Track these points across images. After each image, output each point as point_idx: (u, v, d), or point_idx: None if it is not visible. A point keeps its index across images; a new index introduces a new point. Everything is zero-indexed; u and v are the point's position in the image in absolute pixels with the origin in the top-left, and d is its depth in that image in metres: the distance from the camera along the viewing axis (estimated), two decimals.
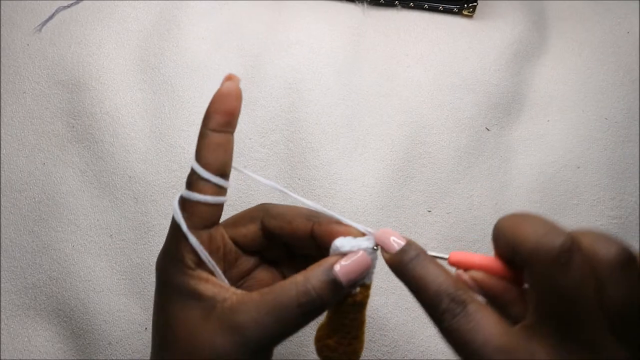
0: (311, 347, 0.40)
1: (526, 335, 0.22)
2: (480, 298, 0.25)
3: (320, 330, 0.30)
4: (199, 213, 0.28)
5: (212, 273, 0.28)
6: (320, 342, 0.29)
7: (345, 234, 0.28)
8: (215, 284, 0.28)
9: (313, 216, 0.30)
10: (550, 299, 0.22)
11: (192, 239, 0.28)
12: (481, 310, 0.23)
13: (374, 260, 0.28)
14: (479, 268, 0.26)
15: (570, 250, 0.21)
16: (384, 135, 0.47)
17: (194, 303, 0.27)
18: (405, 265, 0.25)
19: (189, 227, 0.28)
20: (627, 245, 0.22)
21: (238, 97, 0.28)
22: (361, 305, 0.28)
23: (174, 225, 0.29)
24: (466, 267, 0.26)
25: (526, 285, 0.25)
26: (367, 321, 0.41)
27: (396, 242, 0.26)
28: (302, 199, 0.29)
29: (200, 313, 0.27)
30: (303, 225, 0.29)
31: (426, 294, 0.24)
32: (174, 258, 0.28)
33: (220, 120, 0.28)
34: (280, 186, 0.30)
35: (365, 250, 0.27)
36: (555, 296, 0.21)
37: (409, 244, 0.26)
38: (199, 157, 0.28)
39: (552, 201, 0.45)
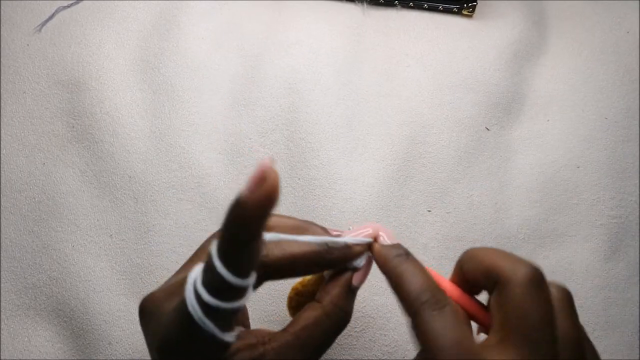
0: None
1: (490, 352, 0.24)
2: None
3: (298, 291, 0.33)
4: (225, 318, 0.25)
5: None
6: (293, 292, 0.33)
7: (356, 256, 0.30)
8: (243, 347, 0.25)
9: (320, 248, 0.29)
10: (519, 320, 0.23)
11: (229, 337, 0.25)
12: (457, 316, 0.25)
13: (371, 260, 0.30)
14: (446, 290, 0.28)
15: (542, 278, 0.24)
16: (384, 135, 0.47)
17: None
18: (391, 260, 0.27)
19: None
20: (534, 264, 0.25)
21: (275, 192, 0.22)
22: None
23: (187, 316, 0.24)
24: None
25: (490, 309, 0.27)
26: (367, 321, 0.41)
27: (384, 238, 0.29)
28: (305, 238, 0.29)
29: None
30: (309, 255, 0.28)
31: (407, 286, 0.26)
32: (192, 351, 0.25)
33: (259, 225, 0.23)
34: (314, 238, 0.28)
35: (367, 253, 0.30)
36: (525, 317, 0.23)
37: (398, 245, 0.29)
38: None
39: (552, 201, 0.45)
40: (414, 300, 0.25)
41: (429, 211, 0.45)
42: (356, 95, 0.48)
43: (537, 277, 0.24)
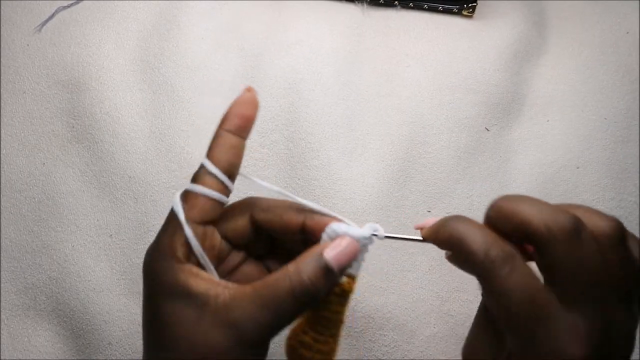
0: None
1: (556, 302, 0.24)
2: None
3: (295, 327, 0.29)
4: (199, 206, 0.28)
5: (202, 268, 0.28)
6: (294, 338, 0.29)
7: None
8: (206, 279, 0.27)
9: (304, 209, 0.30)
10: (572, 273, 0.23)
11: (187, 230, 0.27)
12: (525, 265, 0.24)
13: (363, 252, 0.28)
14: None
15: (580, 228, 0.23)
16: (384, 135, 0.47)
17: (186, 300, 0.27)
18: (446, 224, 0.26)
19: (187, 218, 0.28)
20: (618, 219, 0.25)
21: (256, 106, 0.30)
22: (346, 296, 0.28)
23: (170, 218, 0.28)
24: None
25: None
26: (367, 321, 0.41)
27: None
28: (308, 202, 0.30)
29: (194, 311, 0.26)
30: (294, 218, 0.30)
31: (472, 244, 0.24)
32: (164, 252, 0.28)
33: (238, 123, 0.29)
34: (291, 194, 0.30)
35: (353, 236, 0.28)
36: (577, 269, 0.23)
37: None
38: (210, 154, 0.29)
39: (552, 201, 0.45)
40: (482, 260, 0.24)
41: (429, 211, 0.45)
42: (356, 95, 0.48)
43: (575, 228, 0.23)
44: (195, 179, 0.29)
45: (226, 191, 0.29)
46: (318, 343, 0.28)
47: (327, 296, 0.28)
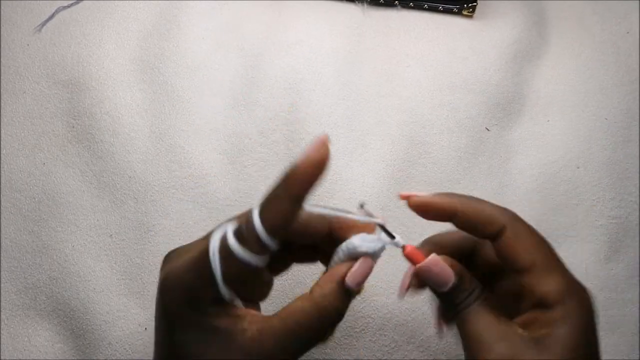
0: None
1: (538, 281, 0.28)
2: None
3: None
4: (237, 270, 0.26)
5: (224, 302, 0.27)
6: None
7: (362, 228, 0.29)
8: (229, 314, 0.26)
9: (324, 215, 0.30)
10: (533, 247, 0.29)
11: (224, 291, 0.26)
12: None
13: (376, 257, 0.29)
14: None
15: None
16: (384, 135, 0.47)
17: (211, 336, 0.26)
18: (449, 197, 0.31)
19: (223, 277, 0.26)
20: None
21: (326, 164, 0.26)
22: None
23: (200, 259, 0.26)
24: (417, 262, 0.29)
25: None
26: (367, 321, 0.41)
27: (448, 279, 0.29)
28: (332, 211, 0.29)
29: (220, 347, 0.26)
30: (320, 227, 0.30)
31: (484, 210, 0.31)
32: (194, 295, 0.26)
33: (307, 188, 0.26)
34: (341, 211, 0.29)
35: (372, 253, 0.28)
36: (536, 244, 0.30)
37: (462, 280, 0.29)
38: (267, 215, 0.26)
39: (552, 201, 0.45)
40: (499, 219, 0.29)
41: None
42: (356, 95, 0.48)
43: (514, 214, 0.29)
44: (242, 239, 0.26)
45: (263, 252, 0.26)
46: None
47: None
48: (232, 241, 0.26)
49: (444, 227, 0.45)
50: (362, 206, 0.29)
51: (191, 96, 0.48)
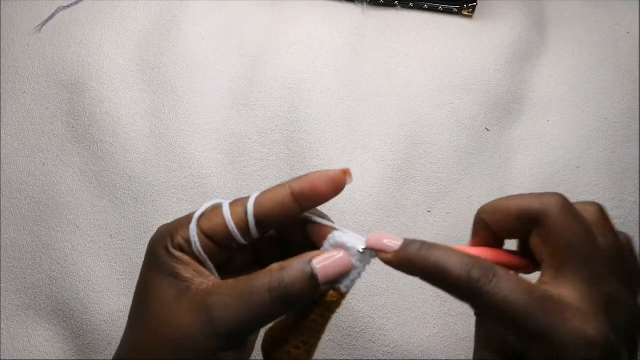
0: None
1: (551, 289, 0.24)
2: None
3: (272, 333, 0.29)
4: (214, 224, 0.28)
5: (199, 262, 0.28)
6: (270, 332, 0.29)
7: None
8: (196, 269, 0.28)
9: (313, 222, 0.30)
10: (565, 247, 0.24)
11: (192, 226, 0.27)
12: (508, 273, 0.24)
13: (359, 270, 0.27)
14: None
15: (570, 203, 0.25)
16: (384, 136, 0.47)
17: (171, 280, 0.27)
18: (415, 257, 0.25)
19: (199, 223, 0.28)
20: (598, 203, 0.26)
21: (336, 189, 0.28)
22: (329, 309, 0.28)
23: (191, 214, 0.29)
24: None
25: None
26: (367, 321, 0.41)
27: (392, 242, 0.26)
28: (331, 224, 0.29)
29: (175, 291, 0.27)
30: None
31: (451, 273, 0.24)
32: (167, 234, 0.28)
33: (304, 190, 0.27)
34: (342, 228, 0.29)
35: (350, 250, 0.27)
36: (569, 243, 0.24)
37: (409, 239, 0.26)
38: (262, 195, 0.28)
39: None
40: (468, 282, 0.24)
41: (429, 212, 0.45)
42: (356, 95, 0.48)
43: (567, 203, 0.25)
44: (234, 202, 0.28)
45: (246, 233, 0.28)
46: (289, 345, 0.28)
47: (310, 304, 0.28)
48: (224, 203, 0.28)
49: (445, 229, 0.45)
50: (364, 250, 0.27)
51: (191, 96, 0.48)
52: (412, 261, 0.25)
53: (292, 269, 0.26)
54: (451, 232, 0.44)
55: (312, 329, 0.28)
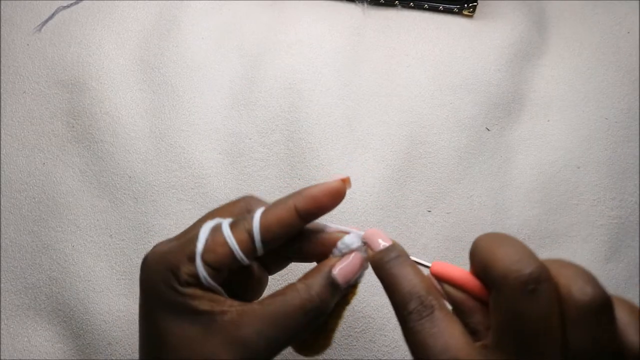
0: None
1: (484, 353, 0.23)
2: (447, 304, 0.25)
3: None
4: (218, 252, 0.27)
5: (206, 289, 0.27)
6: (307, 340, 0.30)
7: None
8: (211, 299, 0.27)
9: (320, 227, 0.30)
10: (511, 325, 0.22)
11: (200, 268, 0.26)
12: (447, 318, 0.24)
13: (365, 262, 0.29)
14: (458, 282, 0.26)
15: (539, 281, 0.21)
16: (384, 136, 0.47)
17: (191, 318, 0.26)
18: (384, 264, 0.26)
19: (204, 258, 0.26)
20: (605, 292, 0.22)
21: (338, 198, 0.28)
22: (347, 302, 0.29)
23: (187, 239, 0.27)
24: (446, 280, 0.26)
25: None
26: (367, 321, 0.41)
27: (381, 243, 0.27)
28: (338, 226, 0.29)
29: (200, 328, 0.26)
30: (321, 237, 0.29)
31: (397, 293, 0.25)
32: (168, 273, 0.26)
33: (308, 207, 0.27)
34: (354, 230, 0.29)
35: (358, 250, 0.28)
36: (516, 323, 0.22)
37: (393, 245, 0.27)
38: (267, 217, 0.27)
39: (552, 201, 0.45)
40: (402, 309, 0.24)
41: (429, 211, 0.45)
42: (356, 95, 0.48)
43: (531, 280, 0.21)
44: (235, 226, 0.27)
45: (251, 253, 0.27)
46: (317, 340, 0.29)
47: None
48: (225, 227, 0.27)
49: (445, 229, 0.45)
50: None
51: (191, 96, 0.48)
52: (379, 267, 0.26)
53: (317, 284, 0.27)
54: (451, 232, 0.44)
55: (334, 318, 0.29)
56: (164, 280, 0.26)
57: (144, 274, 0.28)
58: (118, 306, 0.42)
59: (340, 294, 0.28)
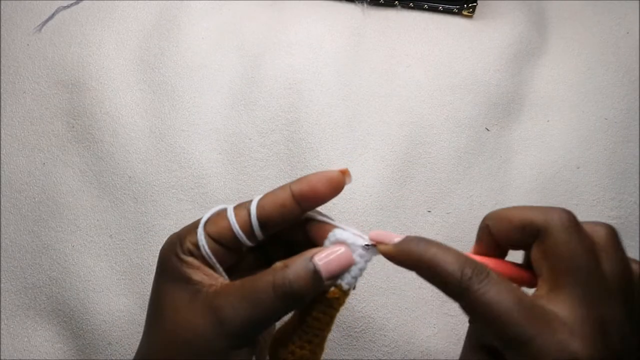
0: None
1: (545, 299, 0.24)
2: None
3: (277, 332, 0.29)
4: (220, 227, 0.28)
5: (209, 265, 0.29)
6: (276, 333, 0.29)
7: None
8: (206, 272, 0.28)
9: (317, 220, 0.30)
10: (569, 262, 0.24)
11: (200, 231, 0.28)
12: (501, 277, 0.25)
13: (360, 266, 0.27)
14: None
15: (577, 221, 0.25)
16: (384, 135, 0.47)
17: (183, 285, 0.28)
18: (414, 249, 0.26)
19: (205, 227, 0.29)
20: (612, 226, 0.26)
21: (335, 189, 0.28)
22: (332, 306, 0.28)
23: (198, 220, 0.29)
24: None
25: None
26: (367, 321, 0.41)
27: (394, 237, 0.27)
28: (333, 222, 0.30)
29: (187, 295, 0.28)
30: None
31: (444, 268, 0.25)
32: (176, 241, 0.29)
33: (304, 191, 0.28)
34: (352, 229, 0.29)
35: (350, 246, 0.27)
36: (573, 259, 0.24)
37: (409, 236, 0.27)
38: (264, 198, 0.29)
39: (552, 201, 0.45)
40: (459, 279, 0.24)
41: (429, 212, 0.45)
42: (356, 95, 0.48)
43: (573, 220, 0.25)
44: (238, 206, 0.29)
45: (251, 235, 0.29)
46: (293, 344, 0.28)
47: (313, 302, 0.28)
48: (229, 208, 0.29)
49: (445, 229, 0.45)
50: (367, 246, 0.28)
51: (191, 96, 0.48)
52: (410, 253, 0.26)
53: (295, 266, 0.27)
54: (451, 232, 0.44)
55: (316, 327, 0.28)
56: (171, 248, 0.29)
57: (162, 248, 0.30)
58: (118, 306, 0.42)
59: (321, 286, 0.27)
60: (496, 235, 0.27)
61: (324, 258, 0.27)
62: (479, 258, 0.27)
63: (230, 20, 0.51)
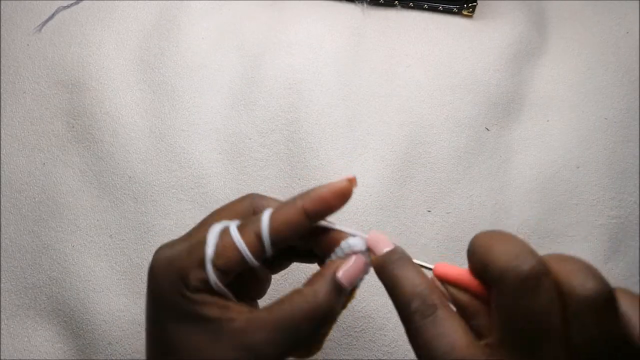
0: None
1: (488, 352, 0.23)
2: (451, 305, 0.25)
3: None
4: (228, 255, 0.26)
5: (217, 294, 0.27)
6: None
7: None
8: (219, 304, 0.26)
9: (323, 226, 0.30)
10: (512, 322, 0.22)
11: (211, 274, 0.26)
12: (450, 317, 0.24)
13: (368, 265, 0.28)
14: (461, 284, 0.25)
15: (539, 276, 0.21)
16: (384, 136, 0.47)
17: (200, 325, 0.26)
18: (386, 266, 0.26)
19: (213, 262, 0.26)
20: (607, 284, 0.21)
21: (345, 198, 0.28)
22: (344, 306, 0.29)
23: (195, 241, 0.27)
24: (450, 281, 0.26)
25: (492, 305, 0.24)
26: (367, 321, 0.41)
27: (386, 247, 0.27)
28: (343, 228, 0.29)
29: (209, 336, 0.26)
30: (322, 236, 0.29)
31: (400, 293, 0.25)
32: (177, 280, 0.26)
33: (315, 207, 0.27)
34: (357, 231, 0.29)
35: (361, 253, 0.28)
36: (517, 320, 0.22)
37: (395, 248, 0.27)
38: (276, 218, 0.27)
39: (551, 201, 0.45)
40: (405, 309, 0.24)
41: (429, 211, 0.45)
42: (356, 95, 0.48)
43: (531, 276, 0.21)
44: (243, 228, 0.27)
45: (260, 255, 0.27)
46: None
47: None
48: (234, 230, 0.27)
49: (445, 229, 0.45)
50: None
51: (191, 96, 0.48)
52: (382, 269, 0.26)
53: (322, 288, 0.27)
54: (451, 232, 0.44)
55: (330, 326, 0.29)
56: (172, 287, 0.26)
57: (152, 281, 0.28)
58: (118, 306, 0.42)
59: (346, 295, 0.28)
60: (472, 267, 0.25)
61: (345, 272, 0.27)
62: (453, 271, 0.26)
63: (230, 20, 0.51)
